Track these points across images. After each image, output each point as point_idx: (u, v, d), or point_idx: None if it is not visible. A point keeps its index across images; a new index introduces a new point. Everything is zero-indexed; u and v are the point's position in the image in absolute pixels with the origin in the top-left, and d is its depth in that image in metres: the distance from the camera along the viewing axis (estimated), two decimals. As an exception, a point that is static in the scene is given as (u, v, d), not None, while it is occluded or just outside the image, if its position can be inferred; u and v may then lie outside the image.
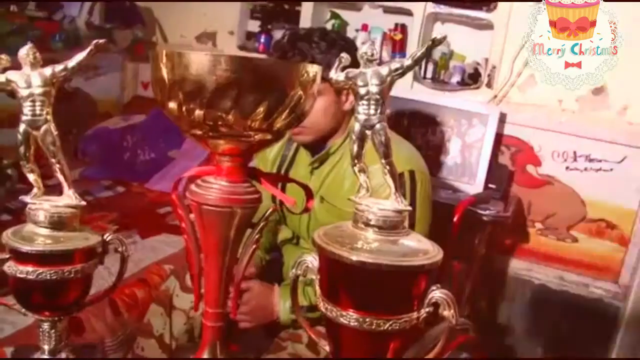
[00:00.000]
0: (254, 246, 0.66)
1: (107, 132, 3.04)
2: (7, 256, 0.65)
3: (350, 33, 2.94)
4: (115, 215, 2.42)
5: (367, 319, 0.56)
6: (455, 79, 2.73)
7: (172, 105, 0.58)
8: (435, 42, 0.59)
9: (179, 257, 2.04)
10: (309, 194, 0.68)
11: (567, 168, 2.49)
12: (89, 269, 0.76)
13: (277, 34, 3.07)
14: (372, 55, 0.60)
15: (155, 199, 2.72)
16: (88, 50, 0.74)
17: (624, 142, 2.37)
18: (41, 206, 0.74)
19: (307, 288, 1.52)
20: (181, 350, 1.59)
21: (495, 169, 2.51)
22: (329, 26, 2.99)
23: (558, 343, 2.60)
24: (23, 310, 0.78)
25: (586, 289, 2.54)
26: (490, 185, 2.50)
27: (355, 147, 0.63)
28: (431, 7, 2.64)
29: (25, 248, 0.72)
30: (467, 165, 2.57)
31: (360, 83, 0.61)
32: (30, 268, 0.71)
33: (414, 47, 2.75)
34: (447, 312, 0.58)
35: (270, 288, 1.54)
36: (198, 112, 0.57)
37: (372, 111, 0.61)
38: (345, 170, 1.53)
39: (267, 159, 1.70)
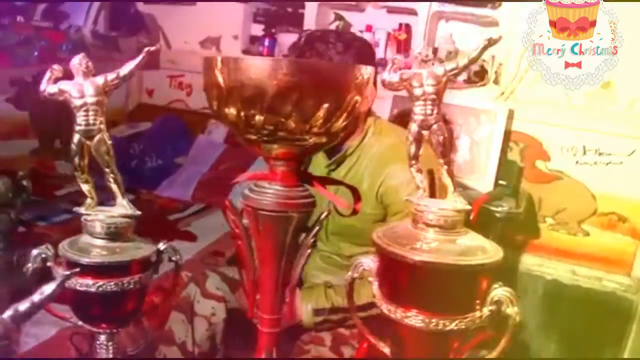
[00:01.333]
0: (308, 250, 0.66)
1: (114, 141, 3.00)
2: (76, 270, 0.64)
3: (354, 34, 2.94)
4: (126, 223, 2.42)
5: (434, 320, 0.56)
6: (462, 77, 2.73)
7: (231, 111, 0.57)
8: (491, 42, 0.59)
9: (194, 263, 2.04)
10: (357, 196, 0.67)
11: (576, 162, 2.50)
12: (146, 279, 0.76)
13: (281, 37, 3.07)
14: (427, 56, 0.61)
15: (165, 206, 2.72)
16: (140, 57, 0.73)
17: (633, 134, 2.38)
18: (97, 217, 0.74)
19: (328, 290, 1.52)
20: (204, 356, 1.59)
21: (504, 166, 2.51)
22: (332, 28, 3.00)
23: (571, 338, 2.60)
24: (79, 322, 0.77)
25: (599, 282, 2.54)
26: (501, 182, 2.50)
27: (413, 148, 0.63)
28: (436, 6, 2.64)
29: (85, 260, 0.71)
30: (477, 162, 2.57)
31: (415, 84, 0.61)
32: (90, 281, 0.70)
33: (418, 47, 2.75)
34: (510, 310, 0.58)
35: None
36: (258, 118, 0.57)
37: (428, 111, 0.61)
38: (364, 172, 1.53)
39: (282, 163, 1.70)
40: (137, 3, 3.10)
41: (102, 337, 0.78)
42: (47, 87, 0.73)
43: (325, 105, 0.57)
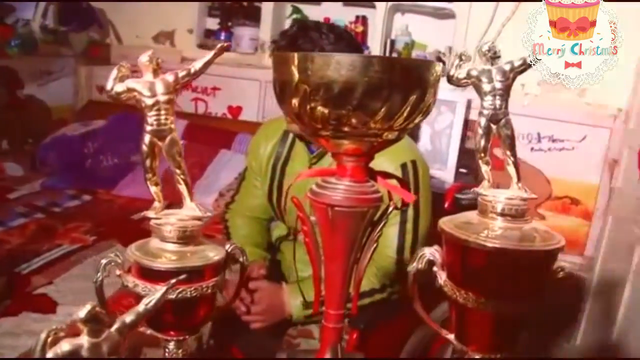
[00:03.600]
0: (375, 245, 0.66)
1: (66, 140, 2.92)
2: (181, 277, 0.61)
3: (312, 27, 2.94)
4: (89, 225, 2.33)
5: (507, 306, 0.59)
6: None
7: (319, 109, 0.56)
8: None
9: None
10: (405, 188, 0.68)
11: (532, 149, 2.61)
12: (221, 282, 0.73)
13: (238, 31, 3.03)
14: (495, 53, 0.63)
15: (125, 205, 2.63)
16: (212, 54, 0.69)
17: (584, 121, 2.51)
18: (167, 220, 0.70)
19: (301, 284, 1.51)
20: (191, 357, 1.56)
21: (464, 154, 2.59)
22: (289, 21, 2.99)
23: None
24: (149, 331, 0.74)
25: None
26: (461, 170, 2.59)
27: (482, 142, 0.66)
28: (394, -1, 2.69)
29: (163, 266, 0.68)
30: (438, 152, 2.64)
31: (485, 80, 0.64)
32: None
33: (376, 39, 2.79)
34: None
35: (279, 287, 1.53)
36: (345, 115, 0.57)
37: (497, 106, 0.64)
38: (347, 164, 1.53)
39: (261, 157, 1.68)
40: (87, -4, 2.99)
41: (171, 345, 0.76)
42: (115, 85, 0.68)
43: (412, 102, 0.58)
